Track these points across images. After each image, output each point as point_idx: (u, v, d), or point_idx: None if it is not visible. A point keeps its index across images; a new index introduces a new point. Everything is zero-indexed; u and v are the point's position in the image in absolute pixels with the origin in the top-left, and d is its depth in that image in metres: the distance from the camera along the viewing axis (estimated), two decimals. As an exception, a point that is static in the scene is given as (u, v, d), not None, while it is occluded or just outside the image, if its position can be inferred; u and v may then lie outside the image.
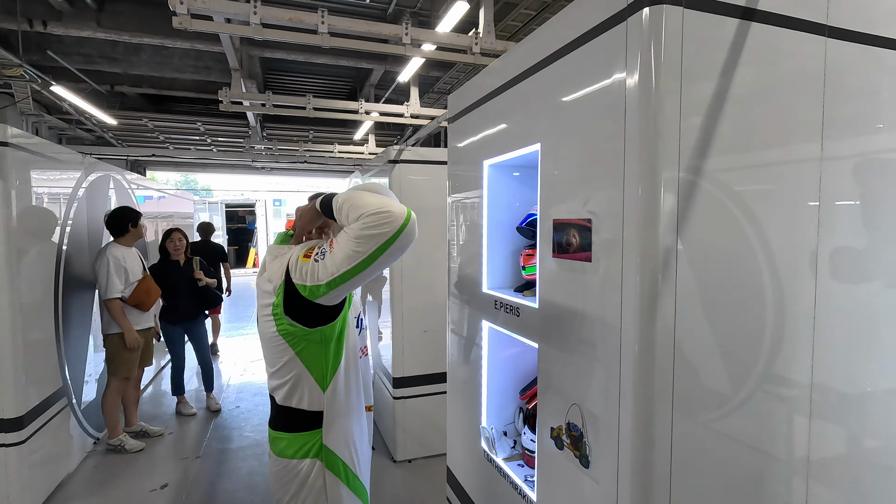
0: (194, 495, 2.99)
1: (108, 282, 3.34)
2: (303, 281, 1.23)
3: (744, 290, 1.08)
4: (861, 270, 1.22)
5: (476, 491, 1.87)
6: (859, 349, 1.22)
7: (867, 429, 1.26)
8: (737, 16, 1.04)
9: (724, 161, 1.04)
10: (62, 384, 3.10)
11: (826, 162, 1.14)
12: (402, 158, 3.19)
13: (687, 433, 1.04)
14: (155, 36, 5.41)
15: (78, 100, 6.45)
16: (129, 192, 4.65)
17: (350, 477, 1.40)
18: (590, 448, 1.19)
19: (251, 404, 4.47)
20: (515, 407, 1.87)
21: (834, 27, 1.13)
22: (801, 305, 1.13)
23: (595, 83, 1.13)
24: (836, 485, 1.23)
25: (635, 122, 1.02)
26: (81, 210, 3.47)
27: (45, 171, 3.04)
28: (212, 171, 13.23)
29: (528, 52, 1.40)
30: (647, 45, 0.99)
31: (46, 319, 2.96)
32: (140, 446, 3.61)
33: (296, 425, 1.35)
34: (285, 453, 1.35)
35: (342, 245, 1.17)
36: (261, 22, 3.65)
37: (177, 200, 6.89)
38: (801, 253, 1.14)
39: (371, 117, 6.63)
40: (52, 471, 3.03)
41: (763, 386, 1.11)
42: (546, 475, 1.38)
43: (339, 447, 1.36)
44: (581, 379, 1.22)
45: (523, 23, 5.00)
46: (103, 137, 9.78)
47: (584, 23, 1.15)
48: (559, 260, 1.28)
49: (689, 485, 1.05)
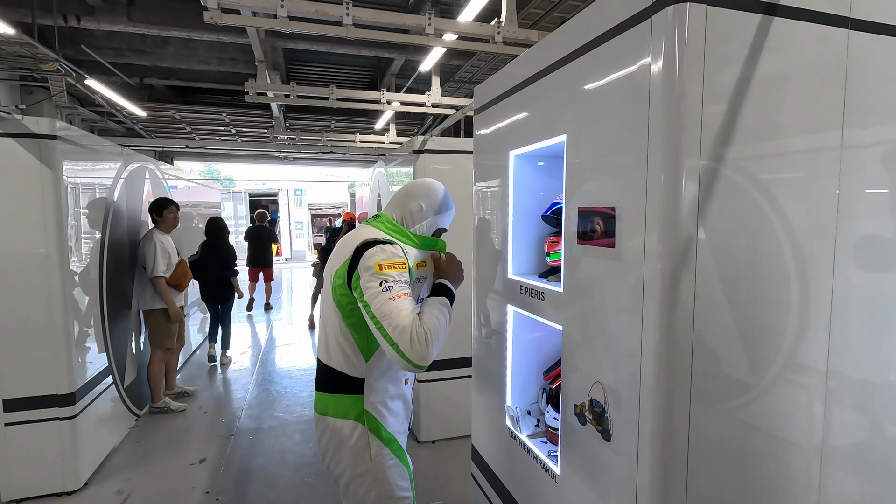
0: (231, 469, 3.17)
1: (155, 262, 3.77)
2: (360, 277, 1.37)
3: (763, 276, 1.14)
4: (883, 259, 1.26)
5: (500, 467, 1.96)
6: (877, 336, 1.27)
7: (885, 415, 1.30)
8: (759, 11, 1.08)
9: (744, 150, 1.09)
10: (108, 364, 3.30)
11: (846, 150, 1.18)
12: (426, 148, 3.26)
13: (702, 410, 1.11)
14: (182, 29, 5.55)
15: (110, 92, 6.66)
16: (162, 181, 4.83)
17: (391, 441, 1.51)
18: (611, 423, 1.26)
19: (280, 387, 4.66)
20: (538, 387, 1.95)
21: (857, 19, 1.16)
22: (820, 293, 1.18)
23: (620, 77, 1.18)
24: (850, 467, 1.28)
25: (659, 113, 1.07)
26: (122, 199, 3.65)
27: (90, 162, 3.20)
28: (236, 160, 13.47)
29: (554, 47, 1.45)
30: (672, 40, 1.04)
31: (94, 302, 3.15)
32: (182, 407, 4.12)
33: (338, 387, 1.47)
34: (326, 412, 1.48)
35: (401, 313, 1.32)
36: (287, 15, 3.75)
37: (205, 190, 7.09)
38: (822, 240, 1.18)
39: (392, 107, 6.70)
40: (101, 444, 3.24)
41: (778, 370, 1.17)
42: (568, 449, 1.46)
43: (379, 413, 1.47)
44: (604, 358, 1.29)
45: (545, 10, 4.98)
46: (133, 129, 10.06)
47: (610, 19, 1.20)
48: (584, 246, 1.35)
49: (705, 455, 1.12)
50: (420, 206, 1.62)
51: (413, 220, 1.62)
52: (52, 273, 2.72)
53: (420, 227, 1.62)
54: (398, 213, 1.63)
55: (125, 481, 3.03)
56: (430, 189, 1.67)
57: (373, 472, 1.45)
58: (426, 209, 1.63)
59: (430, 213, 1.64)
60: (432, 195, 1.66)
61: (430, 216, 1.64)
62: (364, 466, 1.44)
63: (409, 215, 1.62)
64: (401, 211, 1.63)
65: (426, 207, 1.63)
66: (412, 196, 1.64)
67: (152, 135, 10.74)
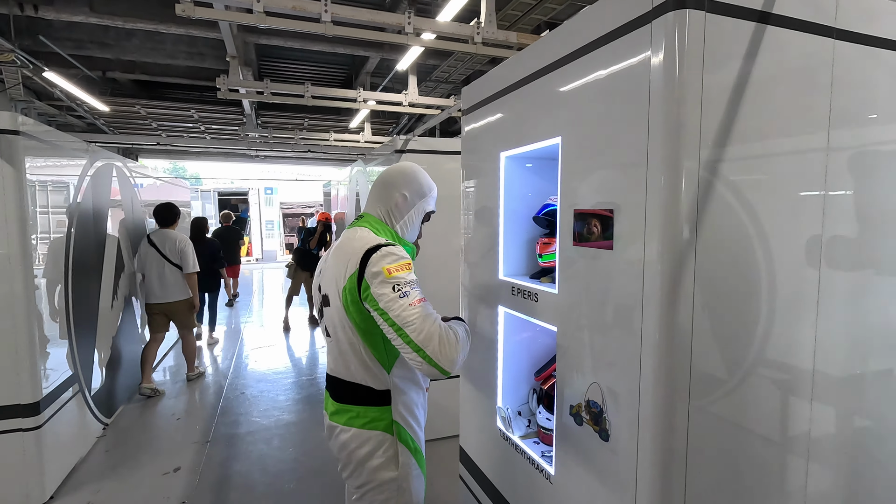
0: (208, 477, 3.07)
1: (193, 260, 4.43)
2: (370, 286, 1.32)
3: (755, 275, 1.17)
4: (858, 258, 1.31)
5: (491, 468, 1.96)
6: (858, 334, 1.32)
7: (863, 410, 1.36)
8: (754, 19, 1.11)
9: (740, 150, 1.12)
10: (73, 371, 3.14)
11: (832, 153, 1.23)
12: (409, 148, 3.24)
13: (701, 409, 1.13)
14: (149, 21, 5.33)
15: (70, 86, 6.37)
16: (130, 179, 4.65)
17: (418, 451, 1.49)
18: (609, 423, 1.27)
19: (256, 391, 4.55)
20: (528, 388, 1.96)
21: (842, 29, 1.21)
22: (808, 292, 1.22)
23: (619, 79, 1.20)
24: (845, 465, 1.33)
25: (659, 114, 1.09)
26: (88, 198, 3.48)
27: (54, 160, 3.05)
28: (205, 158, 13.08)
29: (551, 48, 1.46)
30: (672, 44, 1.05)
31: (59, 306, 3.00)
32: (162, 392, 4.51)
33: (365, 400, 1.43)
34: (354, 423, 1.43)
35: (426, 319, 1.29)
36: (264, 10, 3.66)
37: (174, 188, 6.86)
38: (809, 240, 1.22)
39: (369, 105, 6.64)
40: (67, 455, 3.09)
41: (764, 370, 1.20)
42: (564, 449, 1.47)
43: (407, 423, 1.45)
44: (601, 359, 1.30)
45: (523, 12, 5.01)
46: (94, 124, 9.65)
47: (608, 23, 1.21)
48: (580, 248, 1.36)
49: (704, 454, 1.15)
50: (404, 196, 1.54)
51: (400, 212, 1.54)
52: (15, 276, 2.57)
53: (410, 217, 1.56)
54: (382, 207, 1.55)
55: (94, 493, 2.90)
56: (408, 174, 1.57)
57: (397, 482, 1.42)
58: (410, 196, 1.55)
59: (416, 200, 1.56)
60: (412, 180, 1.56)
61: (416, 202, 1.56)
62: (389, 475, 1.41)
63: (394, 207, 1.54)
64: (385, 205, 1.54)
65: (410, 195, 1.55)
66: (392, 186, 1.55)
67: (115, 131, 10.33)
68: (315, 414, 4.02)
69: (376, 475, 1.41)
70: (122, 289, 4.16)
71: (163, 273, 4.32)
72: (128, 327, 4.32)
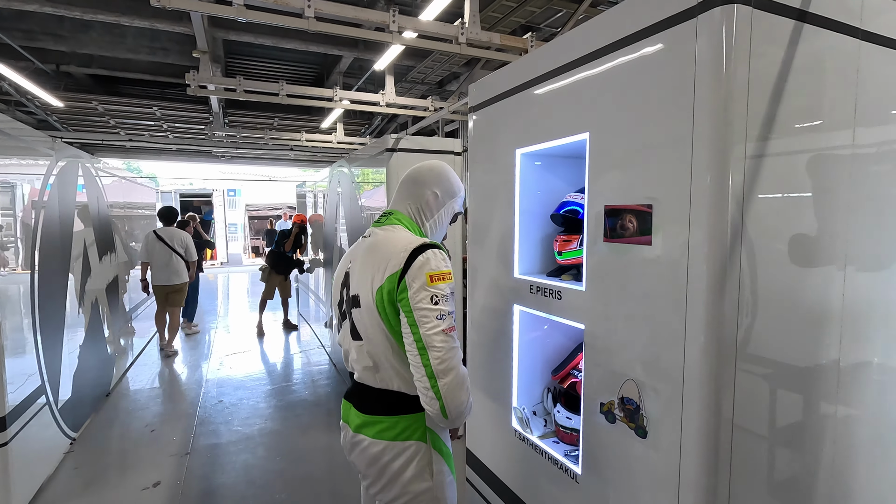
0: (191, 491, 2.91)
1: (194, 250, 5.74)
2: (408, 287, 1.26)
3: (802, 269, 1.19)
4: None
5: (505, 469, 1.93)
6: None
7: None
8: (793, 17, 1.13)
9: (783, 144, 1.14)
10: (40, 382, 2.92)
11: (857, 149, 1.27)
12: (399, 147, 3.18)
13: (747, 404, 1.14)
14: (110, 13, 5.04)
15: (20, 79, 5.96)
16: (96, 179, 4.38)
17: (449, 456, 1.43)
18: (647, 420, 1.27)
19: (234, 398, 4.36)
20: (543, 387, 1.94)
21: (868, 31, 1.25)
22: (873, 285, 1.25)
23: (660, 74, 1.19)
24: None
25: (705, 110, 1.09)
26: (53, 197, 3.25)
27: (17, 157, 2.82)
28: (166, 157, 12.52)
29: (580, 44, 1.44)
30: (719, 38, 1.06)
31: (25, 313, 2.77)
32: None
33: (398, 409, 1.36)
34: (385, 435, 1.35)
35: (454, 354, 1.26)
36: (244, 3, 3.52)
37: (139, 188, 6.53)
38: (843, 240, 1.26)
39: (344, 105, 6.51)
40: (34, 473, 2.85)
41: (828, 363, 1.22)
42: (593, 448, 1.46)
43: (438, 427, 1.38)
44: (638, 355, 1.29)
45: (504, 14, 5.03)
46: (46, 121, 9.06)
47: (648, 17, 1.21)
48: (612, 244, 1.35)
49: (749, 448, 1.15)
50: (435, 194, 1.51)
51: (431, 211, 1.51)
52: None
53: (439, 217, 1.53)
54: (413, 205, 1.51)
55: (66, 514, 2.69)
56: (440, 173, 1.54)
57: (432, 491, 1.35)
58: (441, 195, 1.52)
59: (447, 199, 1.54)
60: (444, 179, 1.54)
61: (447, 201, 1.54)
62: (424, 485, 1.35)
63: (425, 205, 1.51)
64: (415, 202, 1.51)
65: (441, 194, 1.52)
66: (423, 184, 1.52)
67: (69, 128, 9.74)
68: (300, 421, 3.89)
69: (410, 486, 1.35)
70: (88, 294, 3.90)
71: (169, 262, 5.43)
72: (95, 334, 4.06)
